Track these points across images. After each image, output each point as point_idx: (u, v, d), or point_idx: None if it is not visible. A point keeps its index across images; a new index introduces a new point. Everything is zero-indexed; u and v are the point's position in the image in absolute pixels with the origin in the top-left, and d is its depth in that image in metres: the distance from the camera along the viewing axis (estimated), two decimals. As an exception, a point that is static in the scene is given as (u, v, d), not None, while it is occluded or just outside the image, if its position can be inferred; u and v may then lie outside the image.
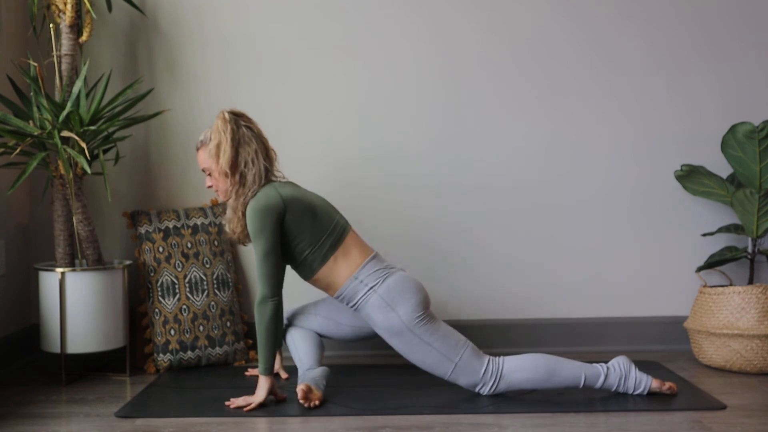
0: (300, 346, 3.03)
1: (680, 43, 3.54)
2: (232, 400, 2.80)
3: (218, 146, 2.84)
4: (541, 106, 3.55)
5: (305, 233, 2.82)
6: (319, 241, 2.83)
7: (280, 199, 2.81)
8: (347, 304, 2.90)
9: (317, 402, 2.76)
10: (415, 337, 2.81)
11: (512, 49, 3.54)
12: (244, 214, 2.85)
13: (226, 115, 2.84)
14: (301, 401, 2.74)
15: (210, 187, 2.93)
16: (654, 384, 2.85)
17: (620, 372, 2.84)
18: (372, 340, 3.05)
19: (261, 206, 2.78)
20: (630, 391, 2.84)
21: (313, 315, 3.11)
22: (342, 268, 2.85)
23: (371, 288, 2.82)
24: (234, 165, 2.83)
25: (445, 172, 3.55)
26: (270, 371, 2.78)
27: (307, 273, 2.88)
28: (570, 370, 2.82)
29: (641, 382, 2.84)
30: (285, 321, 3.12)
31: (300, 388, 2.74)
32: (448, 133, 3.55)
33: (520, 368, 2.82)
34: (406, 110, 3.55)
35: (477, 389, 2.83)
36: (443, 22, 3.54)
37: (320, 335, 3.09)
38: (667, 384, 2.86)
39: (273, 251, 2.78)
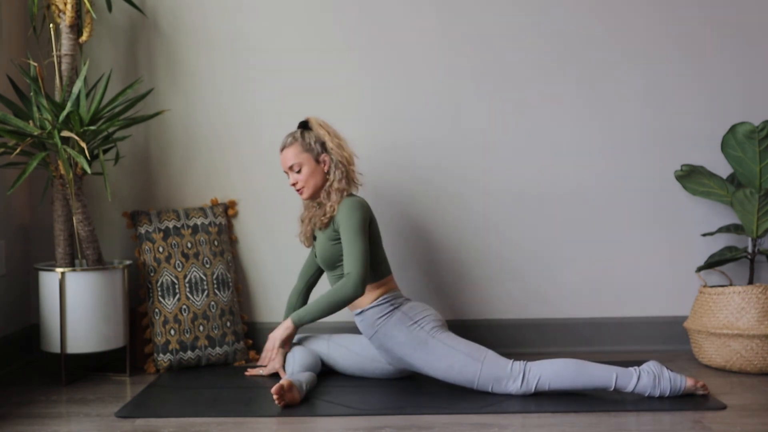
0: (297, 359, 3.04)
1: (680, 43, 3.54)
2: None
3: (337, 137, 3.05)
4: (540, 106, 3.55)
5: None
6: (371, 266, 3.00)
7: (369, 211, 3.03)
8: (367, 325, 2.98)
9: (288, 402, 2.73)
10: (439, 343, 2.88)
11: (513, 50, 3.54)
12: (332, 211, 2.99)
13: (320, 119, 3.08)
14: (274, 394, 2.69)
15: (294, 184, 3.05)
16: (689, 383, 2.80)
17: (653, 373, 2.79)
18: (375, 379, 3.08)
19: (360, 205, 3.00)
20: (666, 393, 2.77)
21: (324, 340, 3.16)
22: (374, 291, 3.01)
23: (395, 307, 2.97)
24: (342, 161, 3.02)
25: (444, 172, 3.55)
26: (301, 324, 2.95)
27: None
28: (601, 369, 2.81)
29: (676, 381, 2.79)
30: (294, 340, 3.17)
31: (280, 383, 2.71)
32: (452, 133, 3.55)
33: (548, 362, 2.83)
34: (407, 110, 3.55)
35: (507, 387, 2.82)
36: (456, 18, 3.53)
37: (324, 362, 3.14)
38: (700, 382, 2.82)
39: (368, 246, 2.96)
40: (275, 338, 3.03)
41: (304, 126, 3.09)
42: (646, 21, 3.54)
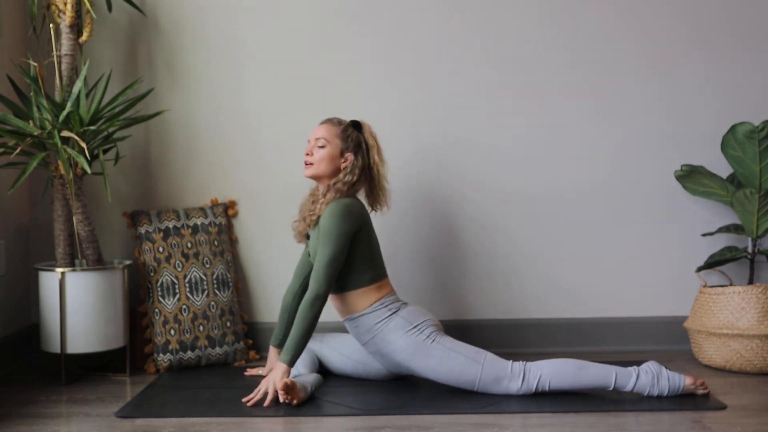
0: (299, 360, 3.03)
1: (680, 42, 3.54)
2: (250, 397, 2.81)
3: (377, 146, 3.00)
4: (540, 106, 3.55)
5: (358, 256, 2.93)
6: (362, 269, 2.94)
7: (362, 215, 2.93)
8: (363, 331, 2.94)
9: (296, 402, 2.74)
10: (440, 347, 2.86)
11: (512, 50, 3.54)
12: (320, 210, 2.93)
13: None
14: (280, 392, 2.72)
15: (308, 155, 2.97)
16: (688, 381, 2.80)
17: (652, 372, 2.80)
18: (375, 379, 3.08)
19: (347, 210, 2.89)
20: (665, 393, 2.78)
21: (318, 341, 3.15)
22: (371, 295, 2.95)
23: (394, 312, 2.92)
24: (365, 167, 2.98)
25: (445, 172, 3.55)
26: (293, 364, 2.82)
27: (335, 288, 2.96)
28: (600, 368, 2.81)
29: (675, 380, 2.79)
30: None
31: (284, 382, 2.73)
32: (453, 134, 3.55)
33: (547, 362, 2.84)
34: (406, 112, 3.54)
35: (508, 387, 2.82)
36: (453, 22, 3.54)
37: (320, 362, 3.14)
38: (700, 380, 2.83)
39: (341, 256, 2.87)
40: (274, 382, 2.77)
41: (356, 125, 3.03)
42: (647, 23, 3.54)
